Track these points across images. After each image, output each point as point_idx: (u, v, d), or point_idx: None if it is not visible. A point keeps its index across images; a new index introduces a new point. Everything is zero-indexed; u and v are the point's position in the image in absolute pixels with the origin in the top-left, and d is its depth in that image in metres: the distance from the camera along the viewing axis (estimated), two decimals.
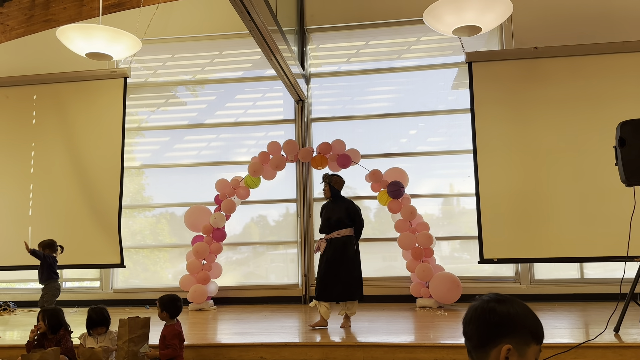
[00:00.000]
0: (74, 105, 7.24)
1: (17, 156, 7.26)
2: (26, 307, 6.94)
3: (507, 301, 1.39)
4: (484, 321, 1.37)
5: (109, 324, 3.93)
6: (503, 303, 1.38)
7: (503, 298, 1.40)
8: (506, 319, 1.35)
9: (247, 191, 6.76)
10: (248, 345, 4.19)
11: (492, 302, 1.39)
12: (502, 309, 1.36)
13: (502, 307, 1.37)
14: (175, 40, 7.59)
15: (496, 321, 1.35)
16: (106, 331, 3.91)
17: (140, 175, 7.67)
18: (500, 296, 1.41)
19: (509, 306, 1.37)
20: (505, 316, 1.36)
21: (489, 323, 1.36)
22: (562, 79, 6.41)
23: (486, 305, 1.39)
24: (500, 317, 1.36)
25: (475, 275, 6.73)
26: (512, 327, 1.35)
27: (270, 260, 7.34)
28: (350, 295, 4.81)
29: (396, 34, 7.25)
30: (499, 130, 6.44)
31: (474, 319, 1.39)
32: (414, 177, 6.75)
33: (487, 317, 1.37)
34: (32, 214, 7.13)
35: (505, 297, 1.41)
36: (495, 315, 1.36)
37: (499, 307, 1.37)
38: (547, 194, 6.25)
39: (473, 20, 4.99)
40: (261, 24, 4.73)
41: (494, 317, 1.36)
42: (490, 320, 1.36)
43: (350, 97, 7.31)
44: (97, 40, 5.64)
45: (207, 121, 7.54)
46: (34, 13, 7.61)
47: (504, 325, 1.35)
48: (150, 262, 7.55)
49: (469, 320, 1.41)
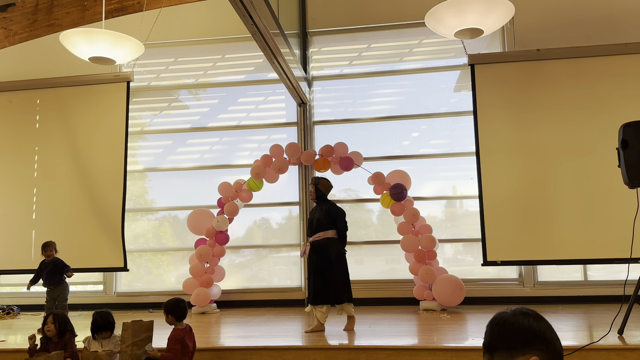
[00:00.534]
0: (77, 109, 7.26)
1: (20, 160, 7.29)
2: (30, 311, 6.96)
3: (543, 320, 1.44)
4: (523, 328, 1.41)
5: (113, 328, 3.94)
6: (541, 320, 1.44)
7: (539, 315, 1.45)
8: (543, 334, 1.41)
9: (250, 194, 6.76)
10: (251, 348, 4.19)
11: (531, 317, 1.43)
12: (542, 325, 1.42)
13: (541, 323, 1.43)
14: (177, 44, 7.62)
15: (535, 332, 1.40)
16: (110, 335, 3.91)
17: (143, 178, 7.68)
18: (536, 313, 1.46)
19: (546, 325, 1.43)
20: (543, 331, 1.41)
21: (528, 332, 1.40)
22: (564, 81, 6.41)
23: (526, 315, 1.43)
24: (539, 330, 1.41)
25: (478, 278, 6.72)
26: (546, 343, 1.40)
27: (273, 263, 7.34)
28: (337, 298, 4.74)
29: (398, 36, 7.26)
30: (501, 132, 6.43)
31: (510, 323, 1.42)
32: (417, 180, 6.75)
33: (527, 327, 1.41)
34: (35, 218, 7.15)
35: (540, 315, 1.46)
36: (534, 327, 1.41)
37: (539, 323, 1.42)
38: (550, 196, 6.24)
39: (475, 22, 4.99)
40: (263, 28, 4.74)
41: (533, 327, 1.41)
42: (530, 330, 1.40)
43: (352, 100, 7.32)
44: (100, 45, 5.66)
45: (210, 124, 7.56)
46: (37, 18, 7.64)
47: (541, 338, 1.40)
48: (154, 266, 7.56)
49: (501, 323, 1.43)
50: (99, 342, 3.87)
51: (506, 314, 1.45)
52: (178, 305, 3.86)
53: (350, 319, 4.86)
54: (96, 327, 3.87)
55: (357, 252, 7.05)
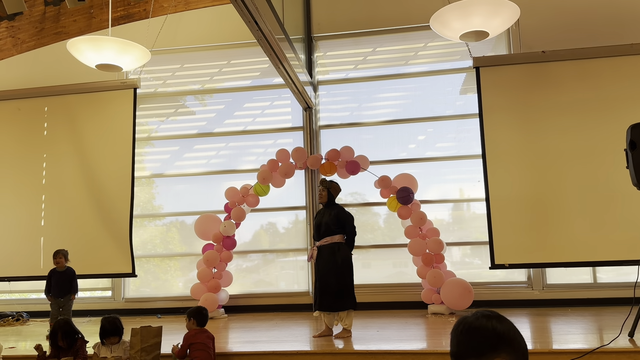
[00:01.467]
0: (84, 117, 7.31)
1: (29, 167, 7.34)
2: (39, 318, 6.99)
3: (506, 320, 1.42)
4: (488, 331, 1.39)
5: (122, 333, 3.96)
6: (503, 320, 1.41)
7: (501, 316, 1.43)
8: (508, 335, 1.38)
9: (257, 199, 6.78)
10: (260, 353, 4.19)
11: (493, 319, 1.41)
12: (505, 326, 1.39)
13: (504, 324, 1.40)
14: (183, 50, 7.66)
15: (500, 334, 1.38)
16: (119, 341, 3.93)
17: (151, 184, 7.72)
18: (498, 314, 1.43)
19: (509, 324, 1.41)
20: (507, 332, 1.39)
21: (493, 335, 1.38)
22: (570, 83, 6.38)
23: (489, 318, 1.41)
24: (503, 332, 1.38)
25: (486, 281, 6.68)
26: (512, 343, 1.38)
27: (280, 267, 7.34)
28: (341, 305, 4.69)
29: (403, 40, 7.27)
30: (508, 134, 6.41)
31: (475, 328, 1.40)
32: (423, 183, 6.74)
33: (491, 330, 1.39)
34: (44, 225, 7.20)
35: (497, 314, 1.43)
36: (498, 329, 1.39)
37: (502, 324, 1.40)
38: (558, 198, 6.21)
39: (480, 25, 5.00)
40: (269, 33, 4.76)
41: (497, 330, 1.38)
42: (494, 333, 1.38)
43: (358, 104, 7.33)
44: (107, 52, 5.71)
45: (216, 130, 7.58)
46: (45, 26, 7.71)
47: (506, 340, 1.37)
48: (161, 271, 7.58)
49: (466, 330, 1.41)
50: (107, 347, 3.88)
51: (469, 318, 1.43)
52: (201, 311, 4.15)
53: (344, 331, 4.74)
54: (104, 333, 3.89)
55: (364, 256, 7.04)
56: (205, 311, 4.20)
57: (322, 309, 4.74)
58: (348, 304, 4.72)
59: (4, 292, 7.64)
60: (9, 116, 7.53)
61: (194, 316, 4.09)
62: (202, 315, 4.13)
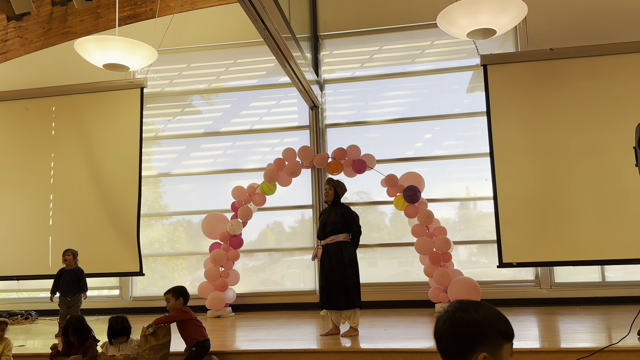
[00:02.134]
0: (92, 116, 7.35)
1: (37, 167, 7.38)
2: (48, 316, 7.04)
3: (472, 307, 1.39)
4: (455, 334, 1.37)
5: (129, 333, 3.98)
6: (468, 310, 1.38)
7: (467, 305, 1.40)
8: (475, 328, 1.36)
9: (263, 198, 6.78)
10: (267, 352, 4.20)
11: (457, 312, 1.39)
12: (469, 318, 1.37)
13: (468, 315, 1.37)
14: (190, 49, 7.67)
15: (466, 332, 1.36)
16: (127, 340, 3.94)
17: (157, 183, 7.74)
18: (464, 303, 1.41)
19: (474, 313, 1.38)
20: (473, 324, 1.36)
21: (461, 335, 1.36)
22: (578, 80, 6.35)
23: (453, 316, 1.39)
24: (469, 326, 1.36)
25: (494, 280, 6.67)
26: (483, 334, 1.36)
27: (286, 266, 7.35)
28: (347, 303, 4.69)
29: (410, 38, 7.25)
30: (515, 132, 6.39)
31: (445, 333, 1.39)
32: (430, 182, 6.72)
33: (458, 330, 1.37)
34: (52, 224, 7.24)
35: (468, 303, 1.41)
36: (464, 325, 1.37)
37: (466, 316, 1.37)
38: (566, 196, 6.18)
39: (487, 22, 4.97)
40: (275, 32, 4.76)
41: (463, 328, 1.36)
42: (461, 332, 1.37)
43: (364, 103, 7.32)
44: (114, 52, 5.73)
45: (223, 129, 7.60)
46: (52, 26, 7.75)
47: (475, 335, 1.36)
48: (168, 270, 7.61)
49: (440, 335, 1.41)
50: (116, 347, 3.90)
51: (447, 313, 1.41)
52: (185, 291, 4.24)
53: (351, 329, 4.74)
54: (112, 332, 3.91)
55: (370, 255, 7.03)
56: (185, 289, 4.28)
57: (328, 307, 4.75)
58: (355, 303, 4.72)
59: (13, 290, 7.70)
60: (17, 116, 7.58)
61: (181, 295, 4.17)
62: (187, 295, 4.23)
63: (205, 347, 4.03)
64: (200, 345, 4.01)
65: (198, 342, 4.01)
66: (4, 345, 4.03)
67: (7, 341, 4.08)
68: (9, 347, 4.06)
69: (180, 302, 4.12)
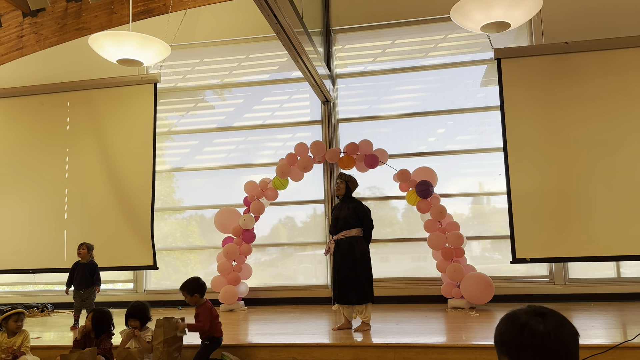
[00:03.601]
0: (106, 111, 7.41)
1: (52, 161, 7.47)
2: (63, 309, 7.13)
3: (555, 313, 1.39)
4: (572, 332, 1.38)
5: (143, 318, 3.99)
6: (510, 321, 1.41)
7: (548, 309, 1.41)
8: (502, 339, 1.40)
9: (276, 193, 6.80)
10: (279, 345, 4.22)
11: (557, 313, 1.41)
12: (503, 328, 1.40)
13: (506, 326, 1.40)
14: (203, 45, 7.70)
15: (575, 330, 1.38)
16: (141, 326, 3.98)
17: (171, 178, 7.80)
18: (545, 308, 1.42)
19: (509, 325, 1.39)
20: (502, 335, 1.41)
21: (574, 333, 1.37)
22: (594, 74, 6.26)
23: (562, 317, 1.41)
24: (501, 335, 1.40)
25: (507, 276, 6.62)
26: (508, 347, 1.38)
27: (298, 261, 7.37)
28: (359, 298, 4.68)
29: (423, 32, 7.20)
30: (530, 127, 6.32)
31: (564, 334, 1.38)
32: (443, 176, 6.69)
33: (572, 329, 1.38)
34: (67, 218, 7.32)
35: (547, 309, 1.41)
36: (571, 324, 1.39)
37: (505, 326, 1.40)
38: (580, 191, 6.12)
39: (501, 16, 4.92)
40: (287, 27, 4.76)
41: (573, 326, 1.38)
42: (575, 330, 1.38)
43: (377, 97, 7.29)
44: (128, 47, 5.76)
45: (235, 124, 7.62)
46: (67, 22, 7.82)
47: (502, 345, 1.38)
48: (182, 264, 7.67)
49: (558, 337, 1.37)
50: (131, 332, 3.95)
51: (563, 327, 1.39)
52: (199, 282, 4.15)
53: (363, 324, 4.74)
54: (127, 315, 3.98)
55: (382, 250, 7.03)
56: (202, 280, 4.21)
57: (340, 302, 4.76)
58: (366, 297, 4.72)
59: (29, 283, 7.81)
60: (33, 111, 7.66)
61: (196, 290, 4.08)
62: (203, 286, 4.14)
63: (218, 343, 4.06)
64: (214, 340, 4.03)
65: (214, 337, 4.03)
66: (23, 337, 4.06)
67: (25, 333, 4.12)
68: (28, 339, 4.09)
69: (196, 297, 4.08)
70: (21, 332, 4.08)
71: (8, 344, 3.98)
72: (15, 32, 7.86)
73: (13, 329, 4.04)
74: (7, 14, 7.70)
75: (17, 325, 4.05)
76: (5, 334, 4.04)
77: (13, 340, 4.00)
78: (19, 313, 4.09)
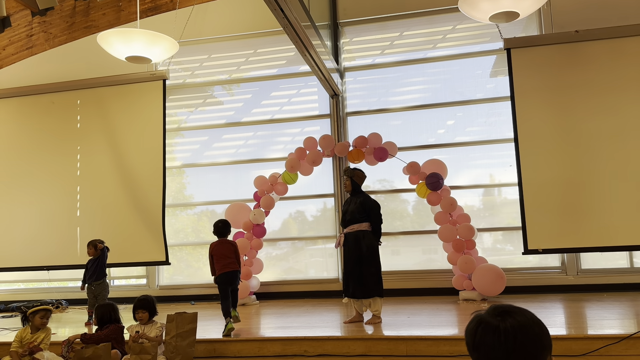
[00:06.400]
0: (116, 108, 7.45)
1: (64, 159, 7.53)
2: (77, 305, 7.22)
3: (517, 311, 1.29)
4: (534, 334, 1.25)
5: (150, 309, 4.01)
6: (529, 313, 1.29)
7: (519, 309, 1.30)
8: (545, 329, 1.28)
9: (285, 187, 6.81)
10: (291, 338, 4.24)
11: (529, 313, 1.28)
12: (538, 320, 1.27)
13: (536, 317, 1.27)
14: (210, 40, 7.71)
15: (543, 332, 1.27)
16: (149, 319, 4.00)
17: (181, 174, 7.84)
18: (506, 309, 1.31)
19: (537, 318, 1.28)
20: (544, 326, 1.29)
21: (537, 335, 1.25)
22: (605, 63, 6.19)
23: (530, 317, 1.28)
24: (542, 327, 1.27)
25: (519, 267, 6.59)
26: (549, 336, 1.28)
27: (309, 255, 7.38)
28: (367, 292, 4.68)
29: (431, 23, 7.15)
30: (540, 117, 6.27)
31: (522, 335, 1.24)
32: (453, 168, 6.66)
33: (536, 330, 1.26)
34: (80, 215, 7.39)
35: (510, 308, 1.31)
36: (539, 326, 1.27)
37: (536, 318, 1.27)
38: (592, 181, 6.06)
39: (510, 5, 4.87)
40: (294, 21, 4.75)
41: (540, 328, 1.27)
42: (539, 332, 1.26)
43: (385, 90, 7.26)
44: (136, 44, 5.78)
45: (244, 119, 7.63)
46: (75, 20, 7.86)
47: (547, 335, 1.27)
48: (193, 259, 7.72)
49: (514, 337, 1.24)
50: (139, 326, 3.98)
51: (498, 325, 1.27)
52: (227, 224, 5.07)
53: (373, 317, 4.73)
54: (134, 307, 4.01)
55: (393, 243, 7.02)
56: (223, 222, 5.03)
57: (348, 295, 4.78)
58: (373, 292, 4.70)
59: (44, 280, 7.91)
60: (44, 109, 7.73)
61: (224, 233, 5.01)
62: (225, 225, 4.98)
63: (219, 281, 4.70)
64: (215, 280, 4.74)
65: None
66: (45, 334, 4.04)
67: (49, 330, 4.10)
68: (49, 337, 4.07)
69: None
70: (44, 329, 4.05)
71: (30, 339, 3.96)
72: (24, 31, 7.91)
73: (38, 325, 4.00)
74: (17, 14, 7.76)
75: (43, 322, 4.02)
76: (29, 330, 4.01)
77: (35, 336, 3.98)
78: (47, 310, 4.06)
